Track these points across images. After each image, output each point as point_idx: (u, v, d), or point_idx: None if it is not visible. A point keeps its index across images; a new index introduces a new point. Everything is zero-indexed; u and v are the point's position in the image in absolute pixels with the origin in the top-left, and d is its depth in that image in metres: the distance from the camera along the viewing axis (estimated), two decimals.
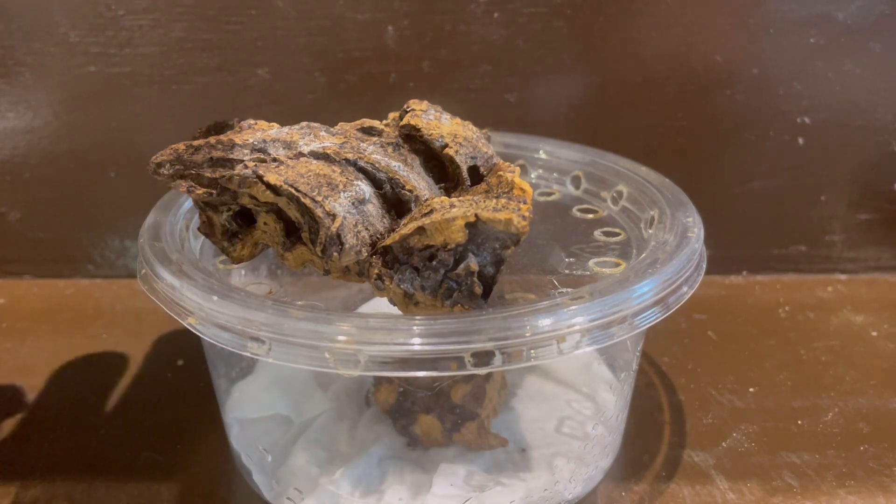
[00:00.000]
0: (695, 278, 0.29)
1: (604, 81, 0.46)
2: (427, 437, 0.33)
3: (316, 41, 0.45)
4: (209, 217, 0.28)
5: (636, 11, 0.45)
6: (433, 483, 0.31)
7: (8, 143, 0.47)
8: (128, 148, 0.47)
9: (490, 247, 0.26)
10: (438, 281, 0.26)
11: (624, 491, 0.33)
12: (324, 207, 0.25)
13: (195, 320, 0.26)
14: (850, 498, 0.32)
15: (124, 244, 0.50)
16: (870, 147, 0.48)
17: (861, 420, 0.37)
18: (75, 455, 0.34)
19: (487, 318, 0.24)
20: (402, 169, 0.28)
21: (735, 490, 0.33)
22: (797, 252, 0.50)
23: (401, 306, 0.26)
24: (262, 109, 0.45)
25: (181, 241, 0.30)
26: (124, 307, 0.47)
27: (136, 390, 0.39)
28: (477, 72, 0.46)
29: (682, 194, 0.33)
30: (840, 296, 0.48)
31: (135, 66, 0.45)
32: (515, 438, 0.33)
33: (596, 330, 0.25)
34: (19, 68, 0.45)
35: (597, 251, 0.33)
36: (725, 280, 0.50)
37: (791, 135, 0.47)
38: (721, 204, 0.48)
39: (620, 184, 0.36)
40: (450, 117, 0.31)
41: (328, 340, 0.24)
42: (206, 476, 0.33)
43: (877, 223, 0.49)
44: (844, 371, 0.41)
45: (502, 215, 0.25)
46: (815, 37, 0.45)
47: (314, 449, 0.32)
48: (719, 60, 0.45)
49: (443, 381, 0.32)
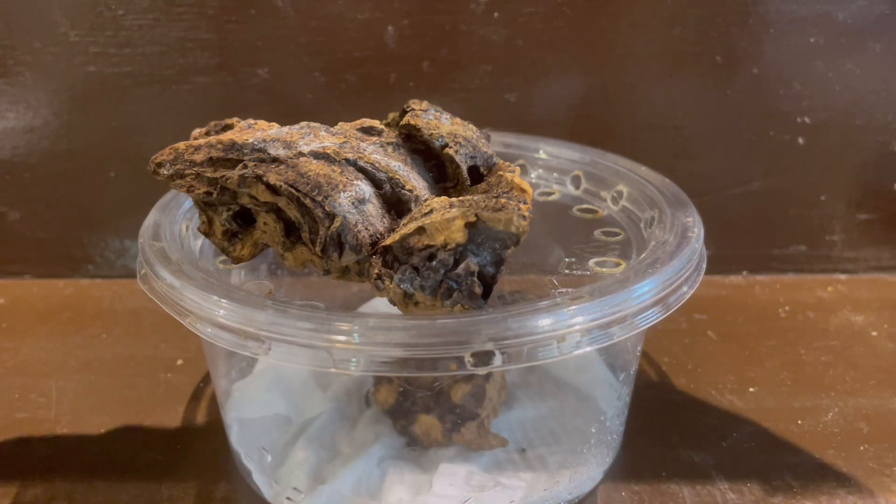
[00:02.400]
0: (695, 278, 0.29)
1: (604, 81, 0.46)
2: (427, 437, 0.33)
3: (316, 41, 0.45)
4: (209, 217, 0.28)
5: (636, 11, 0.45)
6: (433, 483, 0.31)
7: (8, 143, 0.47)
8: (128, 148, 0.47)
9: (490, 247, 0.26)
10: (438, 281, 0.25)
11: (624, 491, 0.33)
12: (324, 207, 0.25)
13: (195, 320, 0.26)
14: (850, 498, 0.32)
15: (124, 244, 0.50)
16: (870, 147, 0.48)
17: (861, 420, 0.37)
18: (75, 455, 0.34)
19: (487, 318, 0.24)
20: (402, 169, 0.28)
21: (735, 490, 0.33)
22: (797, 252, 0.50)
23: (401, 306, 0.26)
24: (262, 109, 0.45)
25: (181, 241, 0.30)
26: (124, 307, 0.47)
27: (136, 390, 0.39)
28: (477, 72, 0.46)
29: (682, 194, 0.33)
30: (840, 296, 0.48)
31: (135, 66, 0.45)
32: (515, 438, 0.33)
33: (596, 330, 0.25)
34: (19, 68, 0.45)
35: (597, 251, 0.32)
36: (725, 280, 0.50)
37: (791, 135, 0.47)
38: (721, 204, 0.48)
39: (620, 184, 0.36)
40: (450, 117, 0.31)
41: (328, 340, 0.24)
42: (206, 476, 0.33)
43: (877, 223, 0.49)
44: (844, 371, 0.41)
45: (502, 215, 0.25)
46: (815, 37, 0.45)
47: (314, 449, 0.32)
48: (719, 60, 0.45)
49: (443, 381, 0.32)
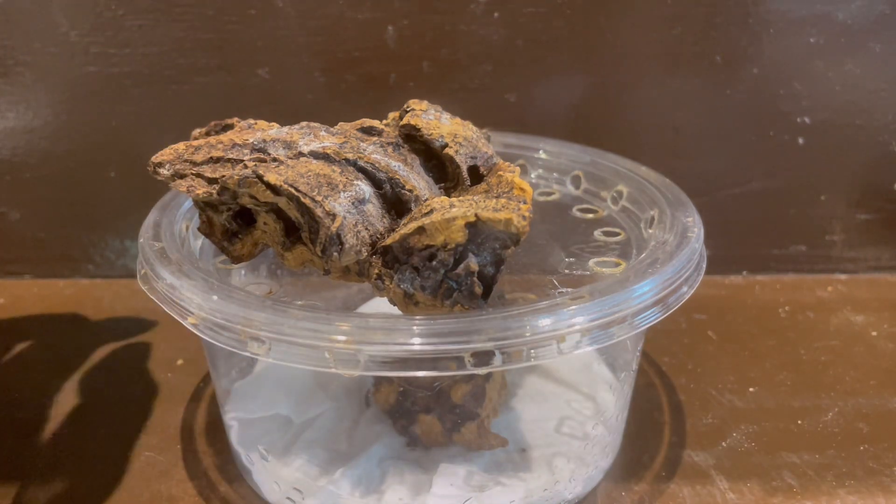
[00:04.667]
0: (695, 278, 0.29)
1: (604, 81, 0.46)
2: (427, 436, 0.33)
3: (316, 41, 0.45)
4: (209, 217, 0.28)
5: (636, 11, 0.45)
6: (433, 483, 0.31)
7: (8, 143, 0.47)
8: (128, 148, 0.47)
9: (490, 247, 0.26)
10: (438, 281, 0.25)
11: (624, 491, 0.33)
12: (324, 207, 0.25)
13: (195, 320, 0.26)
14: (850, 498, 0.32)
15: (124, 244, 0.50)
16: (870, 147, 0.48)
17: (861, 420, 0.37)
18: (75, 455, 0.34)
19: (487, 318, 0.24)
20: (402, 169, 0.28)
21: (735, 490, 0.33)
22: (797, 252, 0.50)
23: (401, 306, 0.26)
24: (262, 109, 0.45)
25: (181, 241, 0.30)
26: (124, 307, 0.47)
27: (136, 390, 0.39)
28: (477, 72, 0.46)
29: (682, 194, 0.33)
30: (840, 296, 0.48)
31: (135, 66, 0.45)
32: (515, 438, 0.33)
33: (596, 330, 0.25)
34: (19, 68, 0.45)
35: (597, 251, 0.32)
36: (725, 280, 0.50)
37: (791, 135, 0.47)
38: (721, 204, 0.48)
39: (620, 184, 0.36)
40: (450, 117, 0.31)
41: (328, 340, 0.24)
42: (206, 476, 0.33)
43: (877, 223, 0.49)
44: (844, 371, 0.41)
45: (502, 215, 0.25)
46: (815, 37, 0.45)
47: (314, 449, 0.32)
48: (719, 60, 0.45)
49: (443, 381, 0.32)
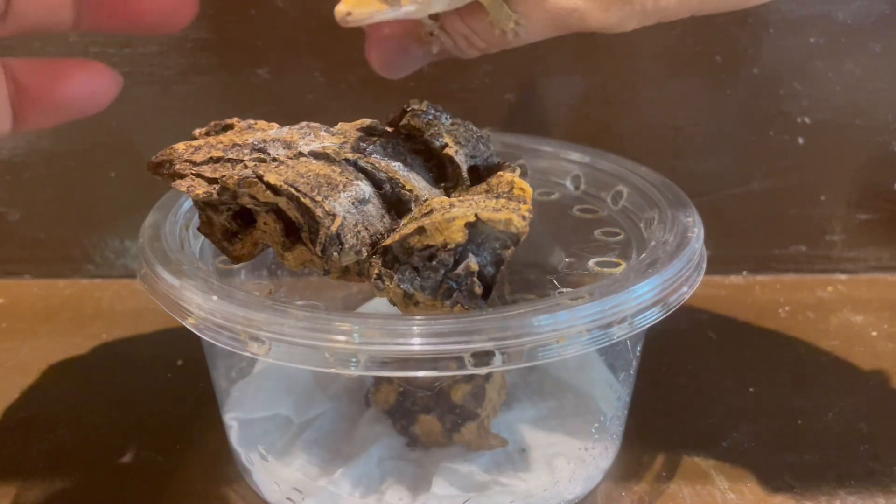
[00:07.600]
0: (695, 278, 0.29)
1: (604, 81, 0.46)
2: (427, 437, 0.33)
3: (316, 41, 0.45)
4: (209, 217, 0.28)
5: None
6: (433, 483, 0.31)
7: (8, 143, 0.47)
8: (128, 148, 0.47)
9: (490, 247, 0.26)
10: (438, 281, 0.25)
11: (624, 491, 0.33)
12: (324, 207, 0.25)
13: (195, 320, 0.26)
14: (850, 498, 0.32)
15: (124, 244, 0.49)
16: (870, 147, 0.47)
17: (861, 420, 0.37)
18: (75, 455, 0.34)
19: (487, 318, 0.24)
20: (402, 169, 0.28)
21: (735, 490, 0.33)
22: (797, 252, 0.50)
23: (401, 306, 0.26)
24: (262, 109, 0.45)
25: (181, 241, 0.30)
26: (124, 307, 0.47)
27: (136, 390, 0.39)
28: (477, 72, 0.46)
29: (682, 194, 0.33)
30: (840, 296, 0.48)
31: (135, 66, 0.45)
32: (515, 438, 0.33)
33: (596, 330, 0.25)
34: None
35: (597, 251, 0.32)
36: (725, 280, 0.50)
37: (791, 135, 0.47)
38: (721, 204, 0.48)
39: (620, 184, 0.36)
40: (450, 117, 0.31)
41: (328, 340, 0.24)
42: (206, 476, 0.33)
43: (877, 223, 0.49)
44: (844, 371, 0.41)
45: (502, 215, 0.25)
46: (815, 37, 0.45)
47: (314, 449, 0.32)
48: (719, 60, 0.45)
49: (443, 381, 0.32)
